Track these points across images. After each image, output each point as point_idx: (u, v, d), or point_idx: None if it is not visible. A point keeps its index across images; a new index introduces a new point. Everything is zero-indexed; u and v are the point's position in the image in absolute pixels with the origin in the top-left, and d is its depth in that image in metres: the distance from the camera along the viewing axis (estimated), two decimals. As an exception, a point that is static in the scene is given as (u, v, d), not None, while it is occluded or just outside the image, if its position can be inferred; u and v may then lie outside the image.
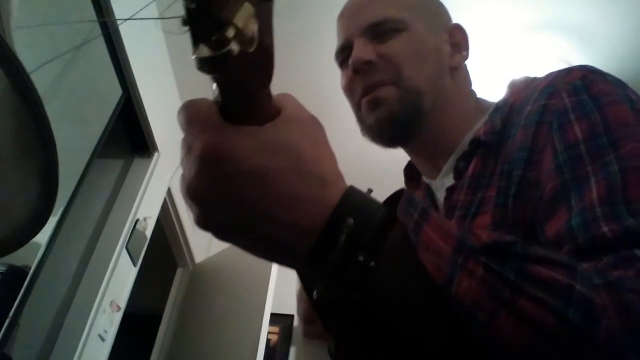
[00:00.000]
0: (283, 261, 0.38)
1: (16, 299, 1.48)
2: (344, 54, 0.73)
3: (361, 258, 0.33)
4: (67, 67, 1.57)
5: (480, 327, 0.33)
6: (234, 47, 0.25)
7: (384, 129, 0.69)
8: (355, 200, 0.35)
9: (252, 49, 0.27)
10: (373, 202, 0.37)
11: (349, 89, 0.73)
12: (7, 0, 0.91)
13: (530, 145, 0.55)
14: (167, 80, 2.67)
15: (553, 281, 0.33)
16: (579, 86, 0.55)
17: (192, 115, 0.34)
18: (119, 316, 2.17)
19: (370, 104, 0.69)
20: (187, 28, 0.25)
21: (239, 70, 0.28)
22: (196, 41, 0.25)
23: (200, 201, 0.33)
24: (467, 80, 0.76)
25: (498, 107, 0.67)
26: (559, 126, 0.53)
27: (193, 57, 0.26)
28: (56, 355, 1.80)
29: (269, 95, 0.34)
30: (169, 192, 2.68)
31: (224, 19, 0.24)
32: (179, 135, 0.35)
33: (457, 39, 0.75)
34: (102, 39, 1.89)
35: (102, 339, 2.02)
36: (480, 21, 2.24)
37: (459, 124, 0.70)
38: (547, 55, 2.37)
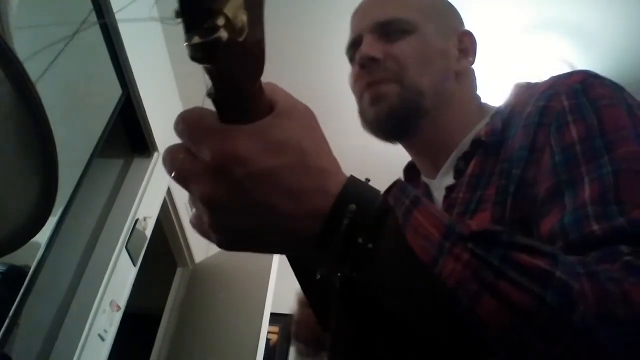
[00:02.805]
0: (292, 250, 0.42)
1: (16, 299, 1.48)
2: (354, 50, 0.76)
3: (360, 240, 0.36)
4: (67, 67, 1.57)
5: (464, 308, 0.35)
6: (224, 34, 0.26)
7: (382, 124, 0.72)
8: (355, 188, 0.38)
9: (241, 39, 0.28)
10: (372, 190, 0.39)
11: (355, 84, 0.75)
12: (7, 0, 0.91)
13: (530, 146, 0.57)
14: (167, 80, 2.67)
15: (535, 267, 0.35)
16: (578, 90, 0.57)
17: (192, 124, 0.35)
18: (119, 316, 2.17)
19: (372, 98, 0.72)
20: (180, 20, 0.27)
21: (229, 60, 0.29)
22: (188, 31, 0.27)
23: (216, 207, 0.35)
24: (473, 85, 0.79)
25: (500, 110, 0.69)
26: (557, 128, 0.55)
27: (185, 45, 0.27)
28: (56, 355, 1.80)
29: (260, 88, 0.35)
30: (169, 192, 2.68)
31: (215, 9, 0.26)
32: (179, 135, 0.36)
33: (466, 45, 0.78)
34: (102, 38, 1.89)
35: (102, 339, 2.02)
36: (480, 21, 2.23)
37: (460, 125, 0.73)
38: (547, 56, 2.37)
